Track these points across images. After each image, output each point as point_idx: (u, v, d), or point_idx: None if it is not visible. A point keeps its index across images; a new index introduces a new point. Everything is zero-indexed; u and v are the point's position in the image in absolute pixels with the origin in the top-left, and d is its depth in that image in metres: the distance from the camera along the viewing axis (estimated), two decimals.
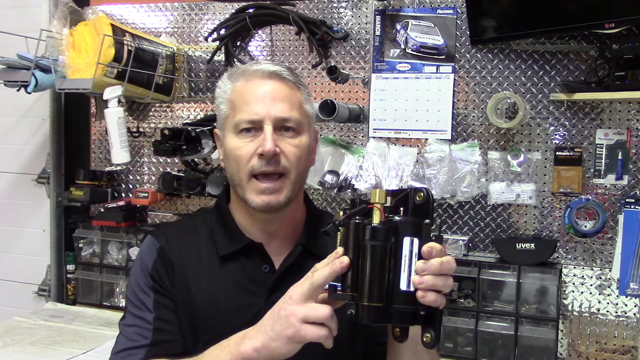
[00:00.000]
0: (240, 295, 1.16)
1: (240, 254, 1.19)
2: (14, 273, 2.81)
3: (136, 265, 1.22)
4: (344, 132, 2.34)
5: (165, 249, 1.20)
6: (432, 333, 0.88)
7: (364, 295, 0.86)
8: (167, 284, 1.18)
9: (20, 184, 2.79)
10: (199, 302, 1.16)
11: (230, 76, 1.20)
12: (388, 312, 0.86)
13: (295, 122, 1.15)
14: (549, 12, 1.95)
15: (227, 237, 1.20)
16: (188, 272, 1.19)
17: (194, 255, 1.20)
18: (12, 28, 2.43)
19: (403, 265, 0.86)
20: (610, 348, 2.01)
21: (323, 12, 2.34)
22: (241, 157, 1.13)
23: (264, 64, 1.18)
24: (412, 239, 0.87)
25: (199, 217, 1.31)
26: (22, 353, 2.11)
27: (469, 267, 2.10)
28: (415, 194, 0.91)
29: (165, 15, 2.58)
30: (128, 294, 1.21)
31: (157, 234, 1.25)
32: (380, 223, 0.88)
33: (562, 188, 2.08)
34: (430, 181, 2.18)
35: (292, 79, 1.18)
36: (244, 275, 1.18)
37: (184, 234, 1.24)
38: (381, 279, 0.86)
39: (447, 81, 2.21)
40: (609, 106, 2.05)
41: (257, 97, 1.14)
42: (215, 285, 1.17)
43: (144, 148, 2.62)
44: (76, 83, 2.22)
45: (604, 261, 2.06)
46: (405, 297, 0.86)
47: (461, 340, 2.11)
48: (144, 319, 1.16)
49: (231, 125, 1.15)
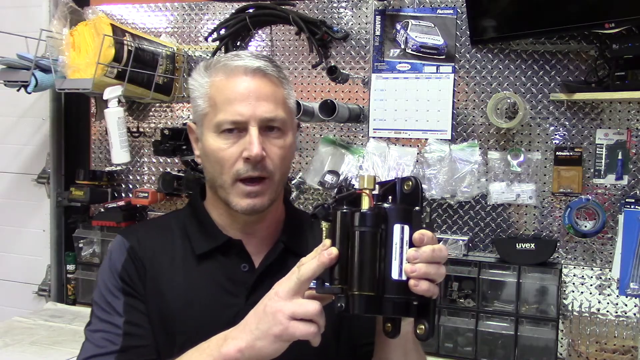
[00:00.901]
0: (219, 295, 1.11)
1: (218, 252, 1.13)
2: (14, 273, 2.81)
3: (104, 266, 1.15)
4: (344, 132, 2.34)
5: (136, 249, 1.13)
6: (426, 324, 0.84)
7: (354, 284, 0.82)
8: (138, 285, 1.11)
9: (20, 184, 2.79)
10: (173, 303, 1.10)
11: (208, 68, 1.13)
12: (380, 302, 0.82)
13: (281, 121, 1.10)
14: (549, 12, 1.95)
15: (204, 234, 1.15)
16: (161, 272, 1.12)
17: (168, 255, 1.14)
18: (12, 28, 2.43)
19: (394, 253, 0.83)
20: (610, 348, 2.01)
21: (323, 12, 2.34)
22: (224, 159, 1.07)
23: (246, 59, 1.10)
24: (402, 226, 0.84)
25: (172, 215, 1.25)
26: (22, 353, 2.11)
27: (469, 267, 2.10)
28: (404, 183, 0.88)
29: (165, 15, 2.58)
30: (95, 297, 1.13)
31: (127, 233, 1.18)
32: (369, 209, 0.84)
33: (562, 188, 2.08)
34: (430, 181, 2.18)
35: (275, 74, 1.12)
36: (222, 274, 1.12)
37: (156, 232, 1.18)
38: (372, 266, 0.82)
39: (447, 81, 2.21)
40: (609, 106, 2.05)
41: (241, 96, 1.07)
42: (191, 285, 1.11)
43: (144, 148, 2.62)
44: (76, 83, 2.22)
45: (604, 261, 2.06)
46: (397, 286, 0.82)
47: (461, 340, 2.11)
48: (113, 323, 1.08)
49: (212, 124, 1.09)
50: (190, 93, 1.16)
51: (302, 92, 2.38)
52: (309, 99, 2.36)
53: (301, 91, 2.38)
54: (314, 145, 2.36)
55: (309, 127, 2.37)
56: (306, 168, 2.35)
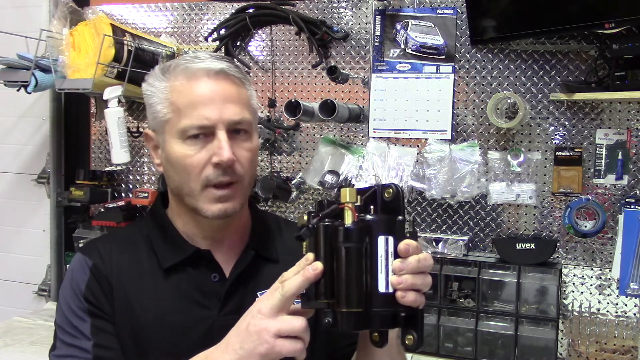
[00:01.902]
0: (190, 308, 1.06)
1: (186, 264, 1.09)
2: (14, 273, 2.81)
3: (66, 287, 1.08)
4: (344, 132, 2.34)
5: (99, 267, 1.07)
6: (414, 334, 0.83)
7: (342, 301, 0.81)
8: (104, 305, 1.06)
9: (20, 184, 2.79)
10: (144, 320, 1.05)
11: (165, 72, 1.08)
12: (368, 316, 0.82)
13: (247, 123, 1.06)
14: (549, 12, 1.95)
15: (170, 247, 1.10)
16: (128, 289, 1.07)
17: (134, 270, 1.09)
18: (12, 28, 2.43)
19: (380, 266, 0.82)
20: (610, 348, 2.01)
21: (323, 12, 2.34)
22: (192, 166, 1.03)
23: (207, 61, 1.06)
24: (386, 237, 0.83)
25: (134, 227, 1.21)
26: (22, 353, 2.11)
27: (469, 267, 2.10)
28: (384, 191, 0.86)
29: (165, 15, 2.58)
30: (58, 320, 1.08)
31: (87, 250, 1.12)
32: (353, 223, 0.83)
33: (562, 188, 2.08)
34: (430, 181, 2.18)
35: (238, 75, 1.08)
36: (192, 286, 1.08)
37: (119, 247, 1.12)
38: (359, 282, 0.81)
39: (447, 81, 2.21)
40: (609, 106, 2.05)
41: (206, 99, 1.02)
42: (161, 300, 1.07)
43: (144, 148, 2.62)
44: (76, 83, 2.22)
45: (604, 261, 2.06)
46: (385, 299, 0.82)
47: (461, 340, 2.11)
48: (81, 347, 1.04)
49: (175, 130, 1.04)
50: (147, 99, 1.09)
51: (302, 92, 2.38)
52: (309, 99, 2.36)
53: (301, 91, 2.38)
54: (314, 145, 2.36)
55: (309, 127, 2.38)
56: (306, 168, 2.35)
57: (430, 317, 2.11)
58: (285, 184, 2.32)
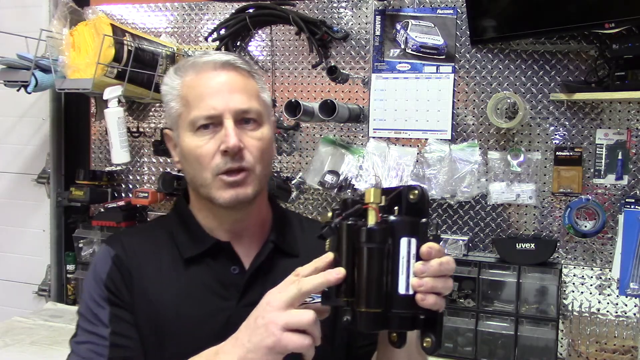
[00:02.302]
0: (209, 299, 1.07)
1: (206, 255, 1.11)
2: (14, 273, 2.81)
3: (89, 276, 1.11)
4: (344, 132, 2.34)
5: (122, 257, 1.10)
6: (432, 337, 0.84)
7: (362, 301, 0.81)
8: (124, 295, 1.08)
9: (20, 184, 2.79)
10: (163, 311, 1.07)
11: (178, 70, 1.12)
12: (386, 317, 0.82)
13: (256, 112, 1.08)
14: (549, 12, 1.95)
15: (191, 238, 1.12)
16: (148, 280, 1.09)
17: (155, 261, 1.11)
18: (12, 28, 2.43)
19: (401, 267, 0.82)
20: (610, 348, 2.01)
21: (323, 12, 2.34)
22: (202, 156, 1.06)
23: (215, 54, 1.11)
24: (409, 239, 0.82)
25: (157, 221, 1.23)
26: (22, 353, 2.11)
27: (469, 267, 2.10)
28: (409, 192, 0.85)
29: (165, 15, 2.58)
30: (80, 308, 1.11)
31: (111, 241, 1.15)
32: (376, 224, 0.83)
33: (562, 188, 2.08)
34: (430, 181, 2.18)
35: (246, 67, 1.11)
36: (212, 278, 1.09)
37: (141, 239, 1.15)
38: (379, 283, 0.81)
39: (447, 81, 2.21)
40: (609, 106, 2.05)
41: (212, 90, 1.06)
42: (180, 290, 1.08)
43: (144, 148, 2.62)
44: (76, 83, 2.22)
45: (604, 261, 2.06)
46: (404, 301, 0.81)
47: (461, 340, 2.11)
48: (98, 334, 1.05)
49: (186, 123, 1.07)
50: (163, 99, 1.13)
51: (302, 92, 2.38)
52: (309, 99, 2.36)
53: (301, 91, 2.38)
54: (314, 145, 2.36)
55: (309, 127, 2.38)
56: (306, 168, 2.35)
57: None
58: (285, 184, 2.32)
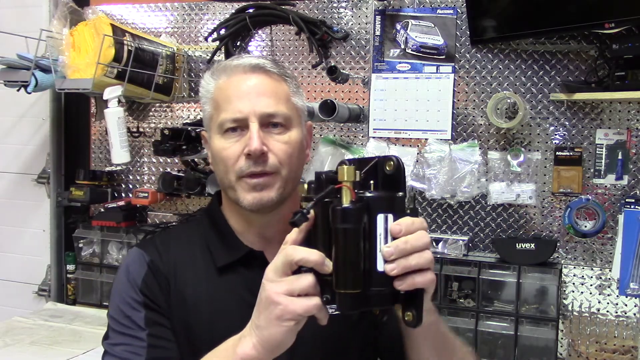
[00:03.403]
0: (241, 308, 1.04)
1: (239, 263, 1.11)
2: (14, 273, 2.81)
3: (121, 280, 1.10)
4: (344, 132, 2.34)
5: (157, 263, 1.10)
6: (413, 311, 0.81)
7: (340, 282, 0.79)
8: (160, 300, 1.08)
9: (20, 184, 2.79)
10: (197, 318, 1.08)
11: (213, 74, 1.14)
12: (366, 296, 0.80)
13: (283, 116, 1.08)
14: (549, 12, 1.95)
15: (224, 245, 1.13)
16: (184, 285, 1.10)
17: (190, 267, 1.11)
18: (12, 28, 2.43)
19: (379, 245, 0.79)
20: (610, 348, 2.01)
21: (323, 12, 2.34)
22: (228, 158, 1.07)
23: (246, 58, 1.12)
24: (386, 215, 0.80)
25: (190, 224, 1.23)
26: (22, 353, 2.11)
27: (469, 267, 2.10)
28: (385, 164, 0.83)
29: (165, 15, 2.58)
30: (112, 312, 1.10)
31: (145, 245, 1.15)
32: (351, 203, 0.79)
33: (562, 188, 2.08)
34: (430, 181, 2.18)
35: (276, 71, 1.11)
36: (245, 287, 1.08)
37: (176, 245, 1.15)
38: (356, 264, 0.79)
39: (447, 81, 2.21)
40: (609, 106, 2.04)
41: (240, 93, 1.07)
42: (214, 297, 1.09)
43: (144, 148, 2.62)
44: (76, 83, 2.22)
45: (604, 261, 2.06)
46: (383, 277, 0.79)
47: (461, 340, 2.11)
48: (135, 336, 1.06)
49: (216, 125, 1.09)
50: (201, 102, 1.16)
51: None
52: (309, 99, 2.36)
53: None
54: (314, 145, 2.36)
55: None
56: (306, 168, 2.35)
57: None
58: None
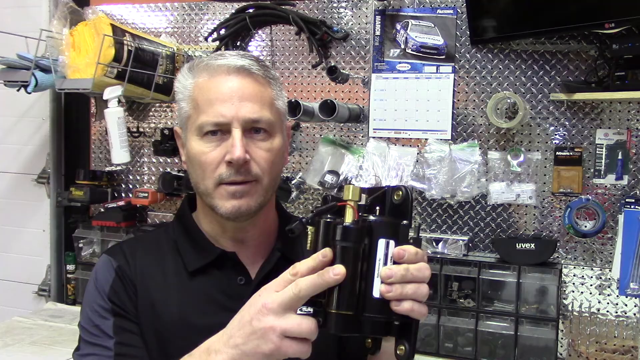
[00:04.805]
0: (215, 311, 1.03)
1: (212, 266, 1.07)
2: (14, 273, 2.81)
3: (90, 288, 1.08)
4: (344, 132, 2.34)
5: (124, 268, 1.07)
6: (406, 345, 0.79)
7: (332, 302, 0.77)
8: (128, 306, 1.05)
9: (20, 184, 2.79)
10: (168, 323, 1.04)
11: (192, 69, 1.08)
12: (359, 321, 0.78)
13: (267, 123, 1.03)
14: (549, 12, 1.95)
15: (195, 248, 1.09)
16: (153, 291, 1.06)
17: (159, 272, 1.08)
18: (12, 28, 2.43)
19: (377, 270, 0.78)
20: (610, 348, 2.01)
21: (323, 12, 2.34)
22: (207, 163, 1.02)
23: (230, 57, 1.05)
24: (387, 241, 0.79)
25: (160, 230, 1.18)
26: (22, 353, 2.11)
27: (469, 267, 2.10)
28: (393, 193, 0.83)
29: (165, 15, 2.58)
30: (82, 321, 1.07)
31: (113, 251, 1.12)
32: (352, 222, 0.79)
33: (562, 188, 2.08)
34: (430, 181, 2.18)
35: (261, 73, 1.05)
36: (217, 289, 1.06)
37: (144, 249, 1.11)
38: (352, 284, 0.77)
39: (447, 81, 2.21)
40: (609, 106, 2.04)
41: (223, 96, 1.01)
42: (185, 303, 1.05)
43: (144, 148, 2.62)
44: (76, 83, 2.22)
45: (604, 261, 2.06)
46: (378, 305, 0.78)
47: (461, 340, 2.11)
48: (103, 345, 1.02)
49: (194, 127, 1.03)
50: (176, 96, 1.10)
51: (302, 92, 2.38)
52: (309, 99, 2.36)
53: (301, 91, 2.38)
54: (314, 145, 2.36)
55: (309, 127, 2.37)
56: (306, 168, 2.35)
57: (430, 317, 2.11)
58: (285, 184, 2.32)
